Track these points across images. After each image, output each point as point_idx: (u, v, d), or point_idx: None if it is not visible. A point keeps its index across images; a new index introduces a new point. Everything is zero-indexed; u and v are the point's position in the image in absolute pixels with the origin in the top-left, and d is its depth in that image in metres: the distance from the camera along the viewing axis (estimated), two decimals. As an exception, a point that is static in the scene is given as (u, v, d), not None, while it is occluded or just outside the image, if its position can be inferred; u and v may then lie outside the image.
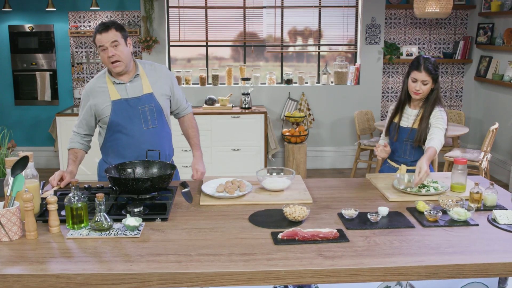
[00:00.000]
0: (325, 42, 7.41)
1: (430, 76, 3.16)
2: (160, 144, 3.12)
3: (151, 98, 3.08)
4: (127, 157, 3.06)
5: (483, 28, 7.12)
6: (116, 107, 3.01)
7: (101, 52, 2.96)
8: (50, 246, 2.13)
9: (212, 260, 2.00)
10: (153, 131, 3.10)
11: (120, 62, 2.95)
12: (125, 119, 3.03)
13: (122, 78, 3.06)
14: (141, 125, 3.06)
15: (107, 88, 3.05)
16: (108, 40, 2.90)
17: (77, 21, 6.93)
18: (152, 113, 3.08)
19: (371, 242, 2.19)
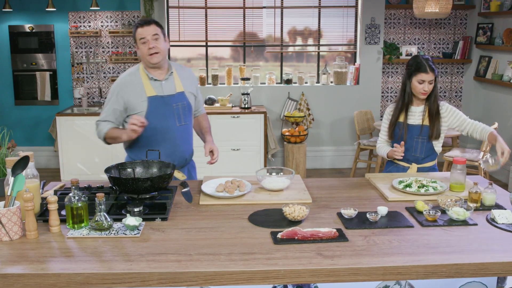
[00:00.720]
0: (325, 42, 7.42)
1: (434, 74, 3.26)
2: (189, 140, 3.30)
3: (183, 97, 3.21)
4: (162, 152, 3.10)
5: (482, 28, 7.12)
6: (152, 103, 3.10)
7: (140, 45, 3.08)
8: (51, 245, 2.14)
9: (212, 259, 2.01)
10: (184, 128, 3.23)
11: (158, 54, 3.07)
12: (160, 116, 3.12)
13: (157, 75, 3.16)
14: (174, 122, 3.17)
15: (143, 84, 3.13)
16: (149, 33, 3.05)
17: (77, 21, 6.94)
18: (184, 110, 3.21)
19: (370, 241, 2.20)
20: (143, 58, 3.11)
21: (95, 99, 7.17)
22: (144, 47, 3.07)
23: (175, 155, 3.18)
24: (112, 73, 7.11)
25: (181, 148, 3.22)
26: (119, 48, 7.05)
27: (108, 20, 6.97)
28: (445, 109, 3.33)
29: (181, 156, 3.24)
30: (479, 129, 3.27)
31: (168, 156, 3.13)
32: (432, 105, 3.32)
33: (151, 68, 3.15)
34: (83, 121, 6.42)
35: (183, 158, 3.26)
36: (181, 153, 3.23)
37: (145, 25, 3.07)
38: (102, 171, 6.52)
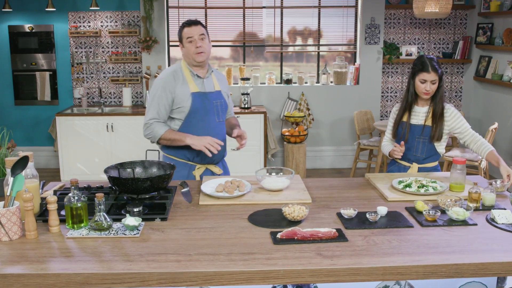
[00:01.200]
0: (325, 42, 7.41)
1: (437, 75, 3.24)
2: (225, 137, 3.41)
3: (221, 95, 3.37)
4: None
5: (482, 28, 7.12)
6: (195, 99, 3.20)
7: (187, 44, 3.21)
8: (50, 245, 2.14)
9: (212, 259, 2.00)
10: (221, 124, 3.37)
11: (204, 53, 3.21)
12: (203, 111, 3.23)
13: (200, 73, 3.28)
14: (214, 118, 3.29)
15: (186, 80, 3.23)
16: (197, 32, 3.20)
17: (77, 21, 6.94)
18: (222, 108, 3.35)
19: (370, 241, 2.20)
20: (189, 56, 3.23)
21: (95, 99, 7.17)
22: (191, 46, 3.19)
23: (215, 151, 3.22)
24: (112, 73, 7.11)
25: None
26: (119, 48, 7.05)
27: (108, 20, 6.97)
28: (450, 113, 3.32)
29: (220, 152, 3.27)
30: (478, 143, 3.26)
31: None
32: (436, 106, 3.31)
33: (193, 67, 3.27)
34: (83, 121, 6.42)
35: (220, 154, 3.32)
36: (221, 149, 3.25)
37: (192, 25, 3.21)
38: (102, 171, 6.51)
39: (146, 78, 6.92)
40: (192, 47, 3.19)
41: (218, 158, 3.35)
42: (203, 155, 3.18)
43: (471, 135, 3.29)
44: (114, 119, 6.45)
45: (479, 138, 3.28)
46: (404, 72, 7.47)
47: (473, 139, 3.28)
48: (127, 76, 7.11)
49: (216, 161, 3.34)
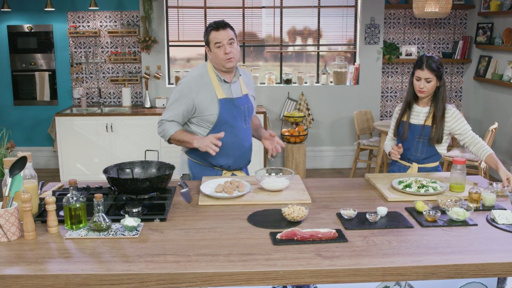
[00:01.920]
0: (324, 42, 7.41)
1: (432, 73, 3.21)
2: (251, 141, 3.32)
3: (248, 99, 3.27)
4: (232, 154, 3.18)
5: (482, 28, 7.11)
6: (223, 105, 3.10)
7: (215, 49, 3.06)
8: (49, 246, 2.13)
9: (211, 260, 2.00)
10: (248, 130, 3.30)
11: (233, 59, 3.08)
12: (231, 117, 3.13)
13: (227, 77, 3.17)
14: (242, 124, 3.21)
15: (213, 86, 3.12)
16: (226, 37, 3.03)
17: (76, 21, 6.93)
18: (249, 112, 3.27)
19: (370, 242, 2.19)
20: (218, 62, 3.08)
21: (94, 99, 7.15)
22: (220, 51, 3.04)
23: (243, 157, 3.25)
24: (111, 73, 7.10)
25: (247, 149, 3.27)
26: (118, 48, 7.04)
27: (107, 20, 6.96)
28: (451, 114, 3.28)
29: (246, 157, 3.28)
30: (477, 145, 3.24)
31: (236, 158, 3.21)
32: (437, 107, 3.28)
33: (221, 71, 3.15)
34: (83, 121, 6.41)
35: (247, 160, 3.31)
36: (247, 154, 3.28)
37: (221, 28, 3.04)
38: (101, 171, 6.47)
39: (145, 78, 6.91)
40: (221, 53, 3.03)
41: (245, 164, 3.30)
42: (232, 160, 3.18)
43: (471, 137, 3.27)
44: (113, 119, 6.44)
45: (478, 140, 3.25)
46: (404, 72, 7.46)
47: (472, 141, 3.26)
48: (127, 76, 7.10)
49: (242, 166, 3.29)
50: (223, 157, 3.17)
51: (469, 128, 3.30)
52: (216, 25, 3.05)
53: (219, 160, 3.18)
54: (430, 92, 3.28)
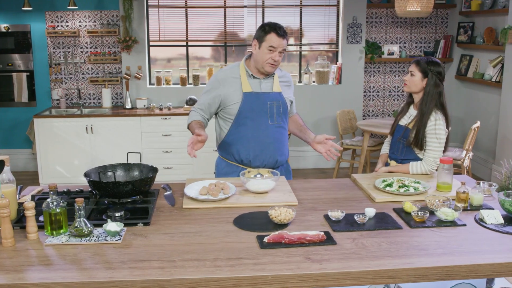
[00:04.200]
0: (306, 42, 7.38)
1: (417, 67, 3.25)
2: (282, 141, 3.25)
3: (280, 96, 3.20)
4: (252, 148, 3.16)
5: (463, 27, 7.15)
6: (246, 99, 3.11)
7: (266, 50, 3.05)
8: (28, 253, 2.05)
9: (197, 265, 1.94)
10: (277, 127, 3.19)
11: (276, 67, 3.13)
12: (253, 111, 3.11)
13: (259, 75, 3.18)
14: (267, 120, 3.15)
15: (240, 80, 3.14)
16: (282, 46, 3.06)
17: (55, 21, 6.81)
18: (279, 110, 3.18)
19: (359, 244, 2.15)
20: (260, 62, 3.09)
21: (74, 101, 7.03)
22: (269, 54, 3.05)
23: (265, 154, 3.17)
24: (91, 74, 6.99)
25: (272, 147, 3.18)
26: (98, 48, 6.93)
27: (87, 20, 6.85)
28: (429, 125, 3.18)
29: (271, 156, 3.19)
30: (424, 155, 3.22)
31: (257, 155, 3.16)
32: (422, 110, 3.21)
33: (256, 70, 3.17)
34: (62, 123, 6.30)
35: (273, 159, 3.21)
36: (271, 152, 3.18)
37: (283, 36, 3.06)
38: (81, 173, 6.39)
39: (126, 78, 6.81)
40: (269, 56, 3.05)
41: (270, 163, 3.20)
42: (251, 156, 3.16)
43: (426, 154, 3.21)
44: (93, 121, 6.34)
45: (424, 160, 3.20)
46: (386, 72, 7.47)
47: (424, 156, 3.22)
48: (107, 77, 6.99)
49: (266, 164, 3.19)
50: (243, 151, 3.17)
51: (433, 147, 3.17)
52: (279, 30, 3.06)
53: (240, 154, 3.18)
54: (413, 89, 3.26)
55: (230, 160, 3.25)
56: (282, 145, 3.25)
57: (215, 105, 3.18)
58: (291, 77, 3.41)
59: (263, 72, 3.14)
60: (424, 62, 3.23)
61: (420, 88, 3.26)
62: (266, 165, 3.19)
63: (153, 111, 6.60)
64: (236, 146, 3.17)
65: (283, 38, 3.06)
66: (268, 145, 3.17)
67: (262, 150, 3.16)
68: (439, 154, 3.17)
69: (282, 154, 3.25)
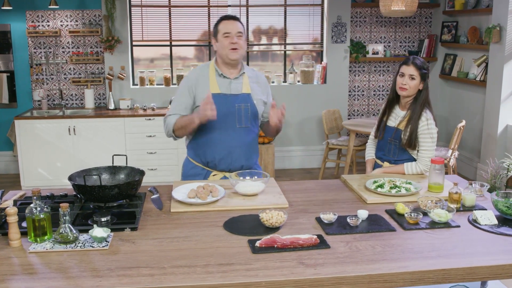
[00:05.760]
0: (291, 41, 7.33)
1: (418, 71, 3.16)
2: (249, 144, 3.15)
3: (248, 98, 3.11)
4: (218, 151, 3.07)
5: (447, 27, 7.16)
6: (214, 100, 2.96)
7: (222, 38, 3.02)
8: (11, 261, 1.97)
9: (188, 272, 1.88)
10: (245, 131, 3.11)
11: (238, 50, 3.03)
12: (220, 114, 2.98)
13: (228, 73, 3.10)
14: (234, 123, 3.07)
15: (209, 80, 3.07)
16: (235, 29, 3.02)
17: (35, 20, 6.67)
18: (247, 113, 3.09)
19: (353, 247, 2.10)
20: (222, 52, 3.04)
21: (56, 101, 6.90)
22: (226, 40, 3.01)
23: (230, 158, 3.08)
24: (73, 74, 6.87)
25: (238, 151, 3.08)
26: (80, 48, 6.81)
27: (68, 20, 6.73)
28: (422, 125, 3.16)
29: (237, 159, 3.09)
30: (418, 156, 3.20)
31: (222, 158, 3.07)
32: (414, 111, 3.17)
33: (224, 65, 3.10)
34: (44, 124, 6.17)
35: (239, 163, 3.11)
36: (237, 156, 3.08)
37: (231, 19, 3.06)
38: (64, 176, 6.28)
39: (108, 79, 6.70)
40: (227, 42, 3.00)
41: (236, 168, 3.10)
42: (217, 160, 3.07)
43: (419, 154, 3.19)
44: (76, 122, 6.22)
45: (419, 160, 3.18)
46: (371, 71, 7.45)
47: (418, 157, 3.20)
48: (89, 77, 6.88)
49: (234, 170, 3.09)
50: (210, 153, 3.09)
51: (427, 147, 3.16)
52: (227, 16, 3.09)
53: (206, 155, 3.10)
54: (412, 92, 3.18)
55: (197, 162, 3.16)
56: (249, 149, 3.15)
57: (191, 106, 3.10)
58: (265, 78, 3.30)
59: (230, 62, 3.05)
60: (421, 64, 3.16)
61: (416, 90, 3.21)
62: (232, 169, 3.10)
63: (137, 111, 6.50)
64: (203, 148, 3.11)
65: (234, 20, 3.05)
66: (234, 148, 3.08)
67: (228, 153, 3.07)
68: (433, 153, 3.15)
69: (248, 158, 3.15)
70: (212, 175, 3.12)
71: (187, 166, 3.24)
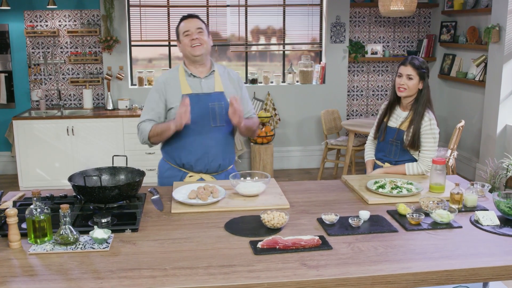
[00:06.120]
0: (290, 41, 7.32)
1: (415, 71, 3.14)
2: (225, 144, 3.11)
3: (222, 97, 3.07)
4: (193, 152, 3.03)
5: (446, 26, 7.16)
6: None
7: (184, 38, 3.02)
8: (11, 263, 1.95)
9: (189, 274, 1.86)
10: (220, 130, 3.07)
11: (201, 46, 3.00)
12: (194, 114, 2.94)
13: (197, 73, 3.08)
14: (209, 122, 3.03)
15: (179, 81, 3.04)
16: (194, 26, 3.01)
17: (34, 20, 6.65)
18: (221, 111, 3.05)
19: (355, 248, 2.09)
20: (185, 51, 3.04)
21: (54, 102, 6.88)
22: (187, 39, 3.01)
23: (207, 158, 3.05)
24: (71, 74, 6.85)
25: (214, 150, 3.05)
26: (78, 49, 6.79)
27: (66, 19, 6.71)
28: (424, 126, 3.15)
29: (214, 159, 3.07)
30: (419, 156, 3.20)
31: (198, 159, 3.04)
32: (416, 112, 3.17)
33: (192, 64, 3.07)
34: (42, 125, 6.15)
35: (215, 163, 3.08)
36: (214, 156, 3.05)
37: (189, 18, 3.05)
38: (62, 176, 6.26)
39: (107, 79, 6.68)
40: (188, 40, 2.99)
41: (213, 168, 3.08)
42: (193, 160, 3.03)
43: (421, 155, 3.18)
44: (74, 122, 6.20)
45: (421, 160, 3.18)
46: (369, 71, 7.45)
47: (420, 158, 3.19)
48: (88, 77, 6.86)
49: (211, 170, 3.09)
50: (185, 155, 3.05)
51: (429, 147, 3.16)
52: (185, 16, 3.08)
53: (182, 158, 3.06)
54: (411, 92, 3.17)
55: (172, 164, 3.13)
56: (225, 148, 3.12)
57: (163, 110, 3.06)
58: (237, 73, 3.26)
59: (195, 59, 3.02)
60: (419, 64, 3.15)
61: (416, 90, 3.20)
62: (209, 170, 3.08)
63: (135, 112, 6.48)
64: (178, 150, 3.06)
65: (192, 18, 3.05)
66: (210, 148, 3.04)
67: (204, 153, 3.04)
68: (435, 153, 3.14)
69: (225, 158, 3.13)
70: (189, 176, 3.08)
71: (163, 168, 3.20)
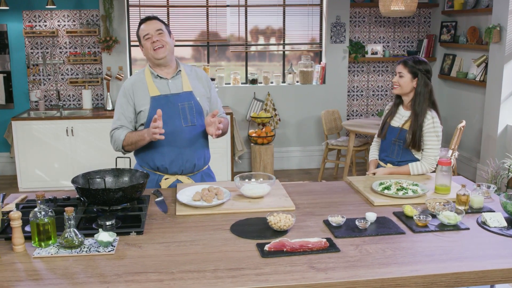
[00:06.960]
0: (290, 41, 7.30)
1: (406, 68, 3.19)
2: (199, 143, 3.07)
3: (191, 96, 3.04)
4: (167, 154, 2.99)
5: (446, 27, 7.15)
6: (155, 104, 2.94)
7: (145, 42, 2.97)
8: (15, 267, 1.93)
9: (197, 277, 1.84)
10: (192, 129, 3.02)
11: (163, 48, 2.95)
12: (164, 115, 2.89)
13: (164, 74, 3.03)
14: (180, 122, 2.98)
15: (146, 84, 2.99)
16: (153, 28, 2.95)
17: (32, 20, 6.62)
18: (192, 111, 3.02)
19: (363, 251, 2.07)
20: (148, 55, 2.99)
21: (53, 102, 6.85)
22: (148, 42, 2.95)
23: (181, 159, 3.00)
24: (70, 75, 6.82)
25: (188, 151, 3.00)
26: (77, 49, 6.76)
27: (65, 20, 6.67)
28: (427, 124, 3.16)
29: (188, 160, 3.02)
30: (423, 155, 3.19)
31: (173, 160, 2.99)
32: (414, 110, 3.18)
33: (157, 66, 3.02)
34: (41, 125, 6.12)
35: (190, 163, 3.04)
36: (188, 156, 3.01)
37: (147, 20, 2.99)
38: (61, 177, 6.24)
39: (106, 79, 6.66)
40: (149, 43, 2.94)
41: (188, 168, 3.04)
42: (168, 162, 2.99)
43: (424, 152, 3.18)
44: (74, 123, 6.17)
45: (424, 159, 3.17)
46: (370, 71, 7.43)
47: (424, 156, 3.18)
48: (87, 78, 6.83)
49: (186, 171, 3.05)
50: (158, 158, 3.00)
51: (432, 145, 3.16)
52: (143, 19, 3.02)
53: (155, 161, 3.01)
54: (404, 90, 3.21)
55: (147, 168, 3.07)
56: (200, 147, 3.08)
57: (133, 115, 3.01)
58: (204, 72, 3.21)
59: (158, 62, 2.98)
60: (412, 62, 3.18)
61: (411, 88, 3.21)
62: (184, 171, 3.03)
63: (135, 112, 6.45)
64: (150, 153, 3.00)
65: (150, 20, 2.99)
66: (184, 148, 3.00)
67: (177, 154, 2.99)
68: (439, 152, 3.14)
69: (200, 157, 3.08)
70: (164, 179, 3.04)
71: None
